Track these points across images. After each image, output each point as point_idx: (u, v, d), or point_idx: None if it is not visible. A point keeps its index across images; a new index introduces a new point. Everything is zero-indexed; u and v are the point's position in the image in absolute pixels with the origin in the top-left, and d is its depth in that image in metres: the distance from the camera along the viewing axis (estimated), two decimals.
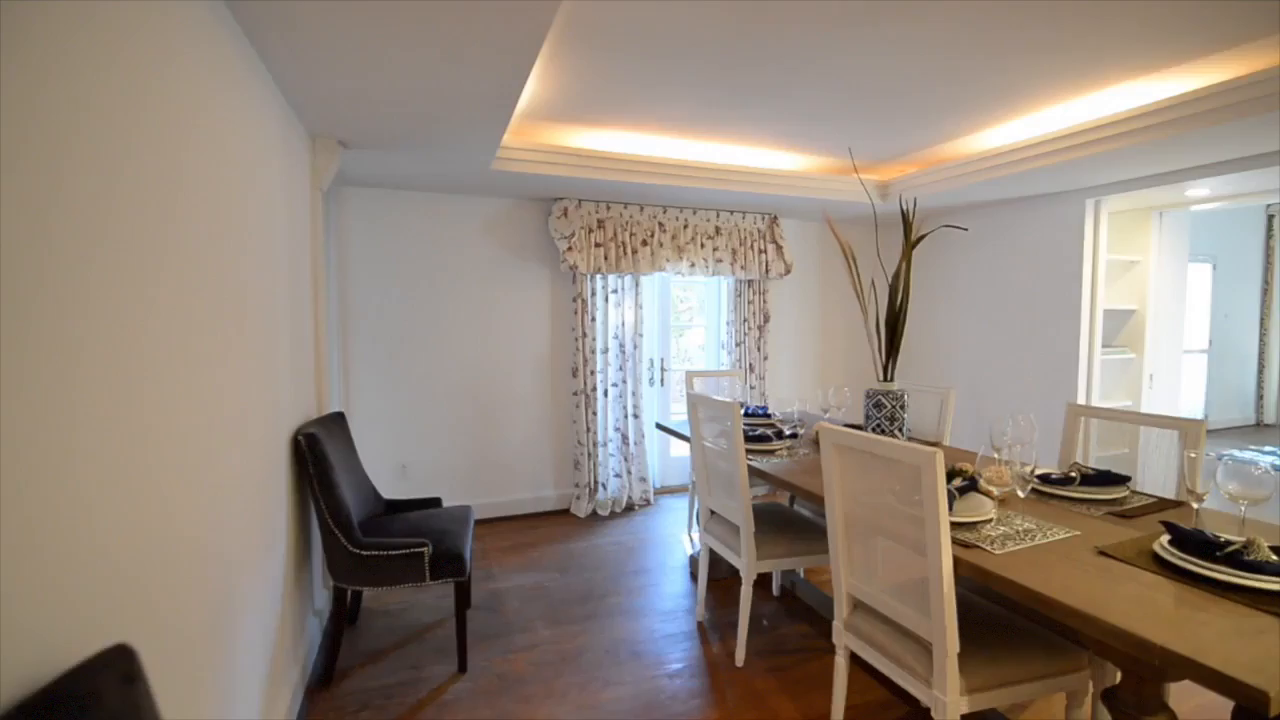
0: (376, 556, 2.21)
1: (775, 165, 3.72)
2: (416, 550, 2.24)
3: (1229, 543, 1.35)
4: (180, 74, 1.23)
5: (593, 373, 3.96)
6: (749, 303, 4.50)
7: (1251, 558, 1.30)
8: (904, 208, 2.35)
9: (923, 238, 2.37)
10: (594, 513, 4.05)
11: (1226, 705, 1.82)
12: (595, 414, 3.98)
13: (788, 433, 2.72)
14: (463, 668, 2.32)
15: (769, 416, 3.03)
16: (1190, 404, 6.87)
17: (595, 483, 4.02)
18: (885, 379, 2.34)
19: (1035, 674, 1.53)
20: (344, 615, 2.33)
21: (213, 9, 1.43)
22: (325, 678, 2.25)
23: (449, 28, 1.66)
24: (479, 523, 3.92)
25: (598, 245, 3.87)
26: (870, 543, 1.71)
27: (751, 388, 4.53)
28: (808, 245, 4.84)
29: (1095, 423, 2.36)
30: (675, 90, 2.57)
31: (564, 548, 3.54)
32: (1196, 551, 1.35)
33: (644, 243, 4.01)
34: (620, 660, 2.41)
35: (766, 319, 4.54)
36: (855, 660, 2.22)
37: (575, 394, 3.98)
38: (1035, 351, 3.93)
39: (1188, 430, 1.91)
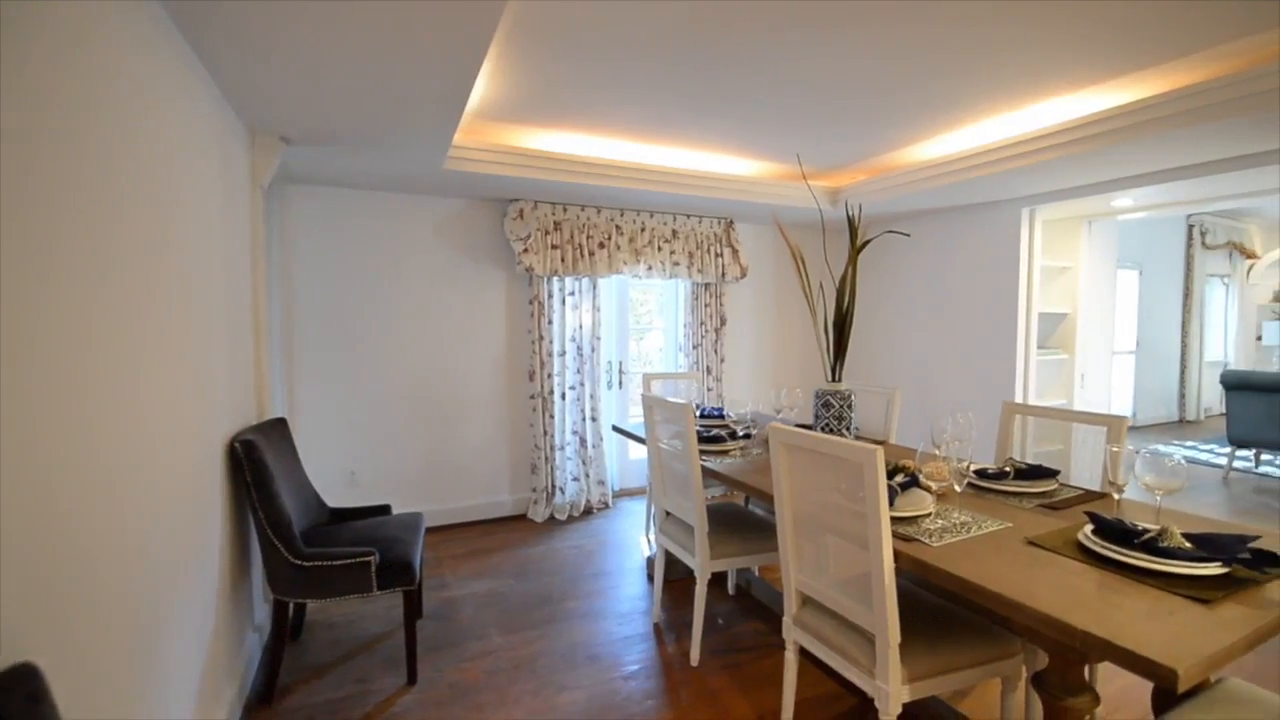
0: (320, 567, 2.14)
1: (731, 171, 3.78)
2: (363, 559, 2.17)
3: (1145, 531, 1.43)
4: (94, 64, 1.17)
5: (550, 376, 3.93)
6: (706, 305, 4.55)
7: (1165, 544, 1.38)
8: (850, 214, 2.41)
9: (867, 243, 2.44)
10: (552, 517, 4.02)
11: (1149, 686, 1.92)
12: (553, 417, 3.95)
13: (741, 433, 2.76)
14: (412, 679, 2.26)
15: (723, 417, 3.06)
16: (1120, 402, 7.28)
17: (553, 487, 3.99)
18: (833, 380, 2.40)
19: (972, 661, 1.59)
20: (285, 629, 2.24)
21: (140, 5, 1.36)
22: (265, 695, 2.16)
23: (392, 25, 1.63)
24: (432, 530, 3.84)
25: (554, 247, 3.85)
26: (817, 539, 1.74)
27: (709, 390, 4.57)
28: (763, 249, 4.92)
29: (1032, 420, 2.47)
30: (631, 93, 2.59)
31: (521, 553, 3.50)
32: (1116, 540, 1.43)
33: (601, 245, 4.01)
34: (576, 664, 2.40)
35: (723, 322, 4.60)
36: (806, 655, 2.27)
37: (532, 397, 3.94)
38: (977, 352, 4.10)
39: (1112, 426, 2.02)
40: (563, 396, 3.99)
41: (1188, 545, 1.37)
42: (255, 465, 2.08)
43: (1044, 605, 1.21)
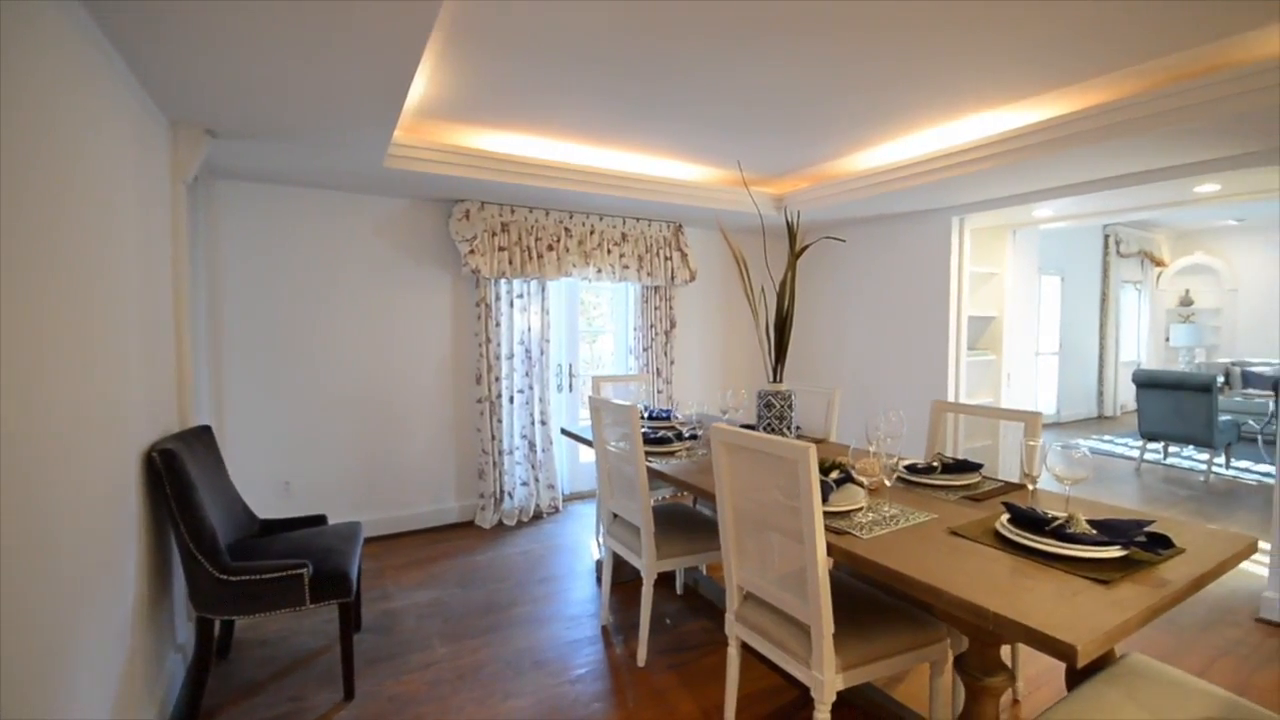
0: (248, 582, 2.04)
1: (679, 176, 3.83)
2: (294, 572, 2.09)
3: (1054, 518, 1.53)
4: None
5: (497, 379, 3.88)
6: (656, 308, 4.59)
7: (1071, 530, 1.48)
8: (789, 220, 2.49)
9: (806, 248, 2.52)
10: (500, 523, 3.96)
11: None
12: (500, 421, 3.90)
13: (687, 434, 2.79)
14: (349, 694, 2.19)
15: (670, 419, 3.09)
16: (1045, 400, 7.73)
17: (501, 492, 3.94)
18: (774, 380, 2.46)
19: (902, 647, 1.66)
20: (211, 648, 2.13)
21: None
22: (188, 718, 2.05)
23: (322, 19, 1.59)
24: (374, 540, 3.72)
25: (502, 249, 3.81)
26: (757, 536, 1.78)
27: (659, 392, 4.61)
28: (712, 253, 5.00)
29: (963, 418, 2.60)
30: (576, 97, 2.59)
31: (466, 560, 3.43)
32: (1029, 527, 1.53)
33: (550, 247, 3.99)
34: (522, 671, 2.37)
35: (673, 324, 4.65)
36: (749, 650, 2.31)
37: (479, 401, 3.88)
38: (912, 353, 4.28)
39: (1028, 422, 2.15)
40: (511, 400, 3.95)
41: (1091, 531, 1.47)
42: (175, 476, 1.97)
43: (961, 590, 1.28)
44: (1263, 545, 3.23)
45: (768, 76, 2.36)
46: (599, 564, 3.36)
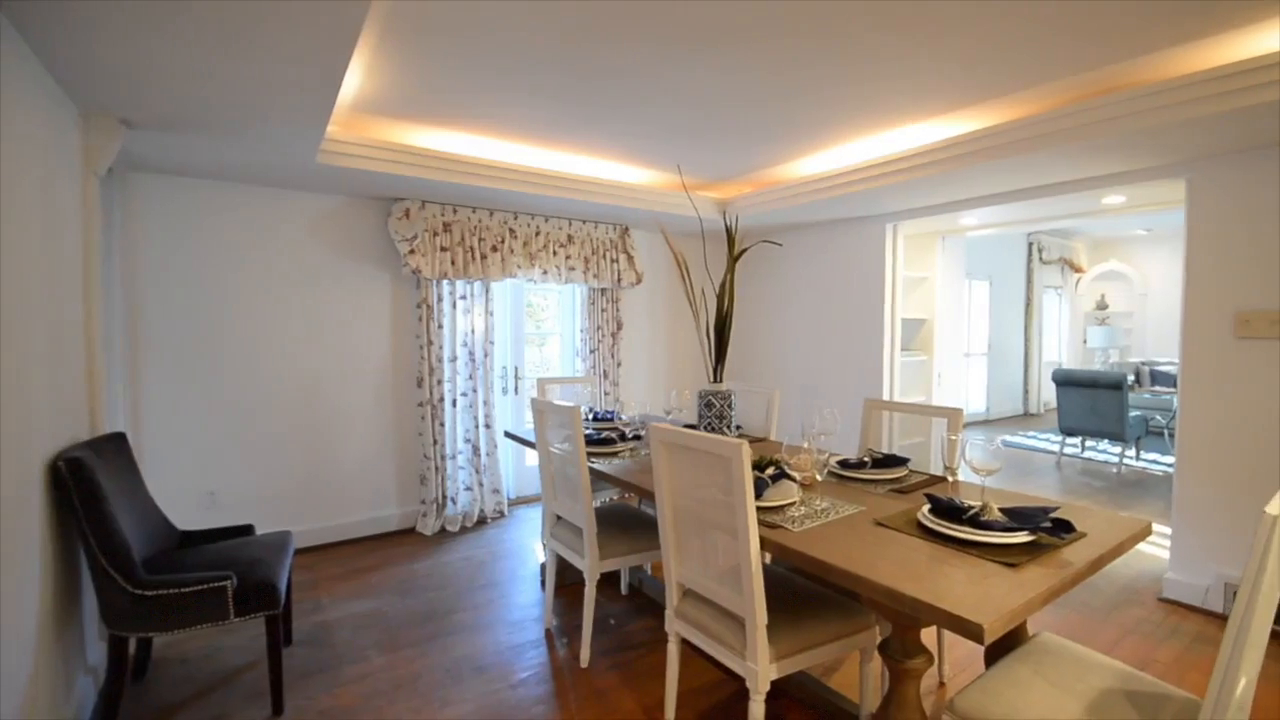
0: (165, 596, 1.94)
1: (625, 179, 3.86)
2: (217, 584, 2.00)
3: (970, 507, 1.62)
4: None
5: (440, 382, 3.80)
6: (603, 310, 4.59)
7: (985, 519, 1.57)
8: (728, 224, 2.54)
9: (744, 251, 2.58)
10: (443, 529, 3.88)
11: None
12: (443, 425, 3.82)
13: (631, 435, 2.81)
14: (278, 709, 2.10)
15: (614, 420, 3.10)
16: (975, 398, 8.14)
17: (443, 498, 3.86)
18: (715, 380, 2.51)
19: (832, 636, 1.72)
20: (126, 669, 2.01)
21: None
22: None
23: (244, 6, 1.53)
24: (308, 551, 3.58)
25: (444, 249, 3.74)
26: (695, 532, 1.81)
27: (606, 393, 4.61)
28: (659, 256, 5.05)
29: (898, 415, 2.72)
30: (518, 96, 2.57)
31: (407, 569, 3.34)
32: (947, 516, 1.61)
33: (494, 248, 3.94)
34: (462, 678, 2.33)
35: (620, 326, 4.67)
36: (690, 646, 2.35)
37: (421, 405, 3.79)
38: (850, 354, 4.43)
39: (951, 418, 2.26)
40: (454, 403, 3.87)
41: (1003, 518, 1.56)
42: (84, 486, 1.85)
43: (882, 578, 1.33)
44: (1165, 530, 3.51)
45: (706, 81, 2.41)
46: (544, 567, 3.33)
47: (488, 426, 4.01)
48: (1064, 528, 1.54)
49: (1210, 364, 2.82)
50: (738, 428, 3.12)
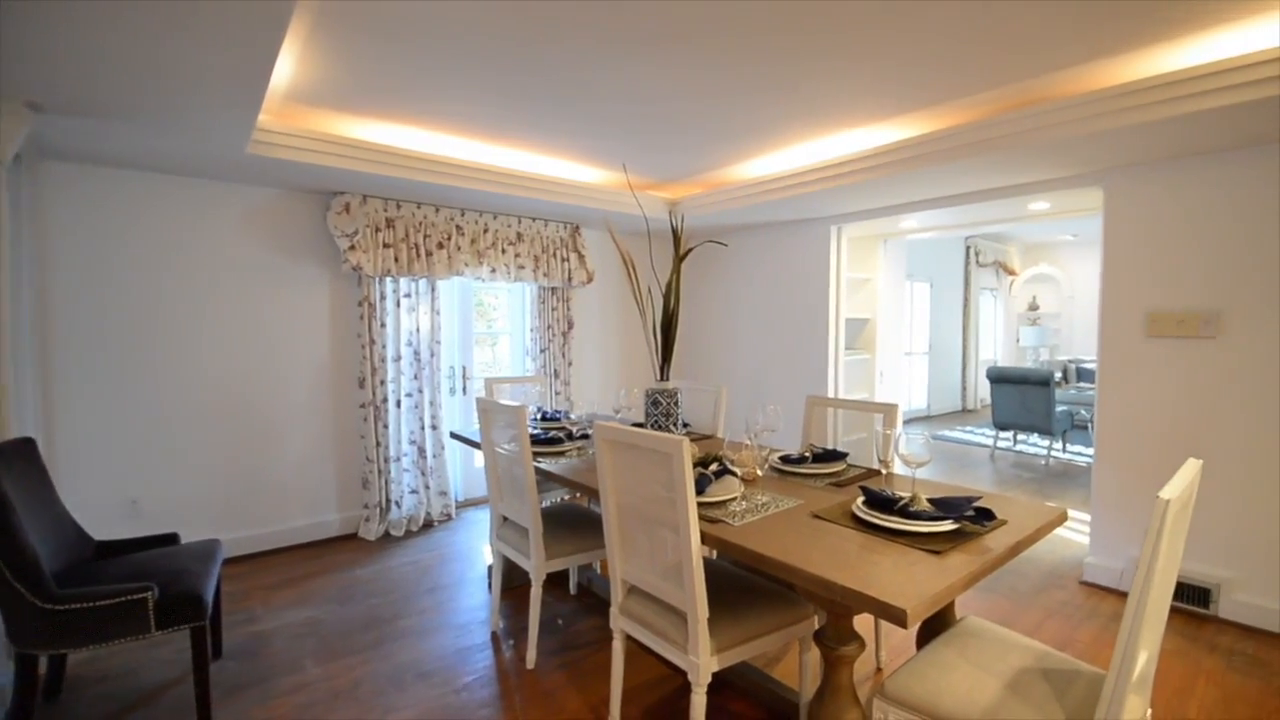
0: (78, 610, 1.82)
1: (575, 177, 3.84)
2: (136, 596, 1.89)
3: (900, 499, 1.68)
4: None
5: (383, 383, 3.69)
6: (553, 309, 4.56)
7: (914, 509, 1.63)
8: (674, 224, 2.56)
9: (689, 251, 2.61)
10: (387, 534, 3.77)
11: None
12: (386, 427, 3.72)
13: (578, 434, 2.80)
14: None
15: (562, 420, 3.09)
16: (917, 395, 8.46)
17: (387, 501, 3.75)
18: (661, 379, 2.53)
19: (772, 627, 1.76)
20: (35, 689, 1.88)
21: None
22: None
23: None
24: (240, 560, 3.42)
25: (386, 246, 3.63)
26: (639, 529, 1.82)
27: (557, 393, 4.58)
28: (610, 255, 5.05)
29: (842, 412, 2.80)
30: (461, 90, 2.53)
31: (347, 575, 3.24)
32: (880, 508, 1.67)
33: (440, 245, 3.86)
34: (405, 685, 2.27)
35: (571, 325, 4.64)
36: (637, 643, 2.35)
37: (363, 406, 3.68)
38: (797, 352, 4.54)
39: (886, 413, 2.35)
40: (398, 404, 3.77)
41: (930, 508, 1.63)
42: None
43: (816, 568, 1.37)
44: (1085, 517, 3.73)
45: (651, 80, 2.42)
46: (491, 570, 3.28)
47: (434, 428, 3.92)
48: (986, 516, 1.62)
49: (1124, 361, 3.02)
50: (686, 425, 3.14)
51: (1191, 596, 2.80)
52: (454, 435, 3.17)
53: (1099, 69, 2.29)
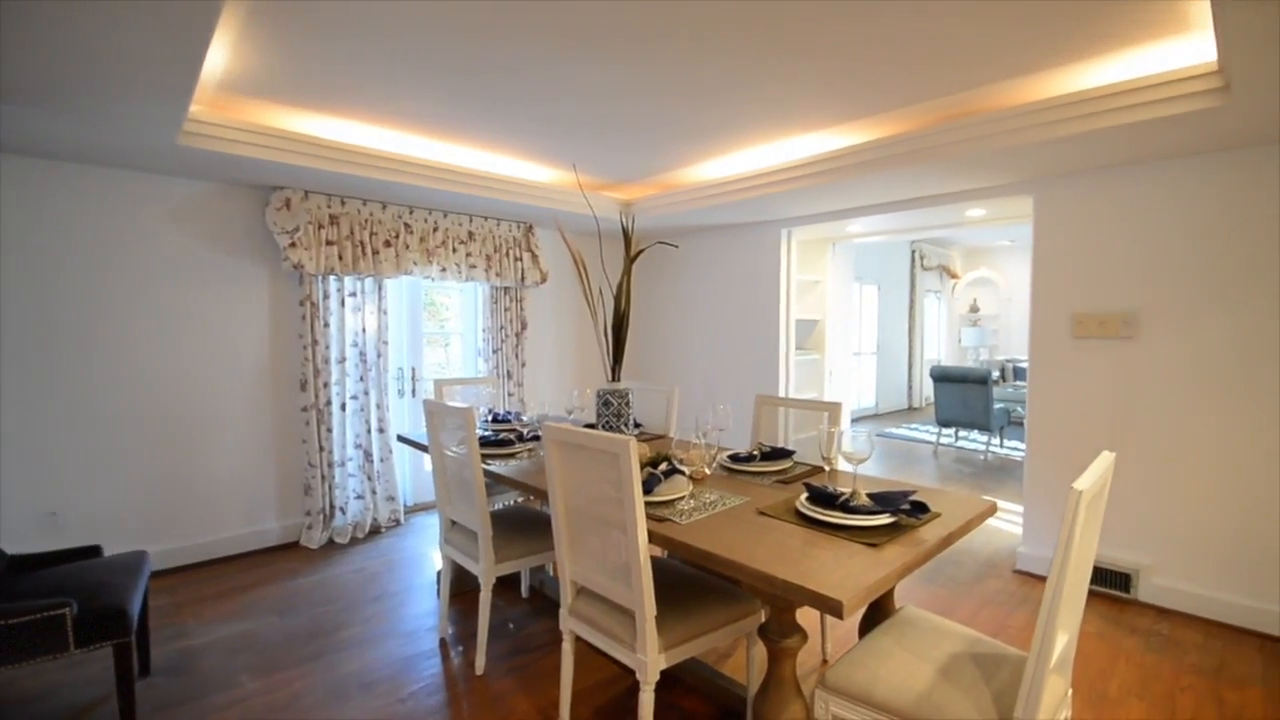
0: None
1: (526, 176, 3.80)
2: (53, 613, 1.77)
3: (842, 494, 1.73)
4: None
5: (326, 385, 3.57)
6: (506, 310, 4.50)
7: (854, 504, 1.68)
8: (624, 225, 2.57)
9: (641, 252, 2.62)
10: (331, 541, 3.64)
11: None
12: (330, 431, 3.59)
13: (529, 435, 2.77)
14: None
15: (512, 421, 3.05)
16: (866, 394, 8.72)
17: (331, 507, 3.63)
18: (613, 380, 2.53)
19: (719, 623, 1.78)
20: None
21: None
22: None
23: None
24: (171, 572, 3.25)
25: (330, 243, 3.51)
26: (587, 529, 1.81)
27: (510, 394, 4.53)
28: (564, 255, 5.01)
29: (794, 411, 2.85)
30: (409, 87, 2.47)
31: (288, 585, 3.11)
32: (822, 503, 1.71)
33: (387, 243, 3.75)
34: (348, 695, 2.20)
35: (524, 326, 4.59)
36: (589, 644, 2.34)
37: (305, 409, 3.54)
38: (749, 352, 4.62)
39: (831, 411, 2.41)
40: (342, 407, 3.65)
41: (869, 503, 1.68)
42: None
43: (758, 563, 1.40)
44: (1020, 508, 3.91)
45: (602, 80, 2.42)
46: (440, 575, 3.21)
47: (381, 431, 3.82)
48: (921, 509, 1.68)
49: (1053, 360, 3.18)
50: (638, 425, 3.16)
51: (1114, 581, 2.97)
52: (401, 439, 3.10)
53: (1027, 84, 2.41)
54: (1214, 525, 2.74)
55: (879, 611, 1.90)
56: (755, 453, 2.30)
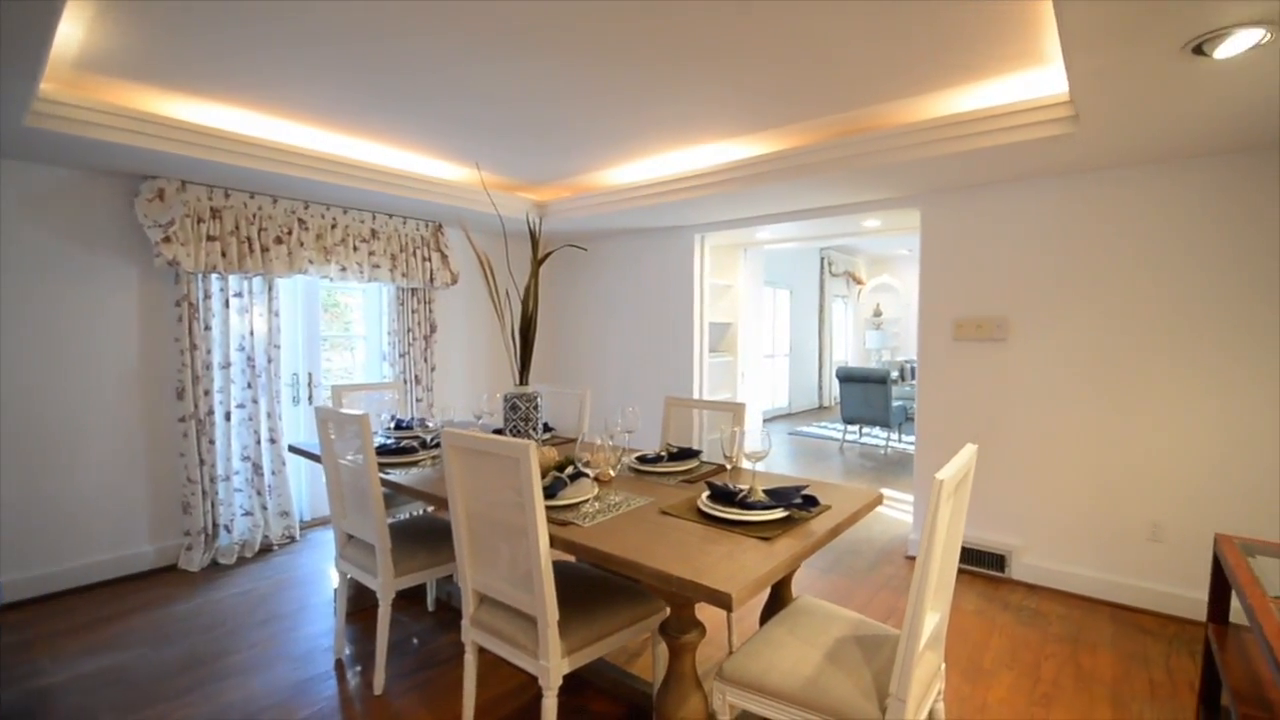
0: None
1: (433, 173, 3.67)
2: None
3: (740, 491, 1.78)
4: None
5: (207, 393, 3.29)
6: (413, 312, 4.33)
7: (751, 500, 1.74)
8: (531, 227, 2.54)
9: (549, 254, 2.59)
10: (214, 562, 3.35)
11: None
12: (213, 442, 3.31)
13: (433, 442, 2.67)
14: None
15: (415, 428, 2.94)
16: (780, 394, 9.07)
17: (214, 526, 3.34)
18: (520, 383, 2.48)
19: (623, 624, 1.78)
20: None
21: None
22: None
23: None
24: (22, 605, 2.88)
25: (211, 239, 3.24)
26: (488, 536, 1.77)
27: (419, 400, 4.35)
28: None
29: (708, 411, 2.91)
30: (309, 75, 2.32)
31: (163, 613, 2.84)
32: (722, 500, 1.76)
33: (278, 240, 3.51)
34: None
35: (434, 329, 4.43)
36: (495, 655, 2.29)
37: (183, 419, 3.24)
38: (665, 354, 4.68)
39: (735, 412, 2.49)
40: (227, 417, 3.37)
41: (765, 498, 1.74)
42: None
43: (656, 562, 1.41)
44: (910, 498, 4.19)
45: (504, 80, 2.38)
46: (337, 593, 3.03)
47: (273, 441, 3.56)
48: (812, 503, 1.76)
49: (937, 361, 3.44)
50: (549, 429, 3.12)
51: (990, 562, 3.25)
52: (293, 449, 2.90)
53: (915, 104, 2.59)
54: (1074, 507, 3.05)
55: (779, 602, 1.97)
56: (664, 454, 2.33)
